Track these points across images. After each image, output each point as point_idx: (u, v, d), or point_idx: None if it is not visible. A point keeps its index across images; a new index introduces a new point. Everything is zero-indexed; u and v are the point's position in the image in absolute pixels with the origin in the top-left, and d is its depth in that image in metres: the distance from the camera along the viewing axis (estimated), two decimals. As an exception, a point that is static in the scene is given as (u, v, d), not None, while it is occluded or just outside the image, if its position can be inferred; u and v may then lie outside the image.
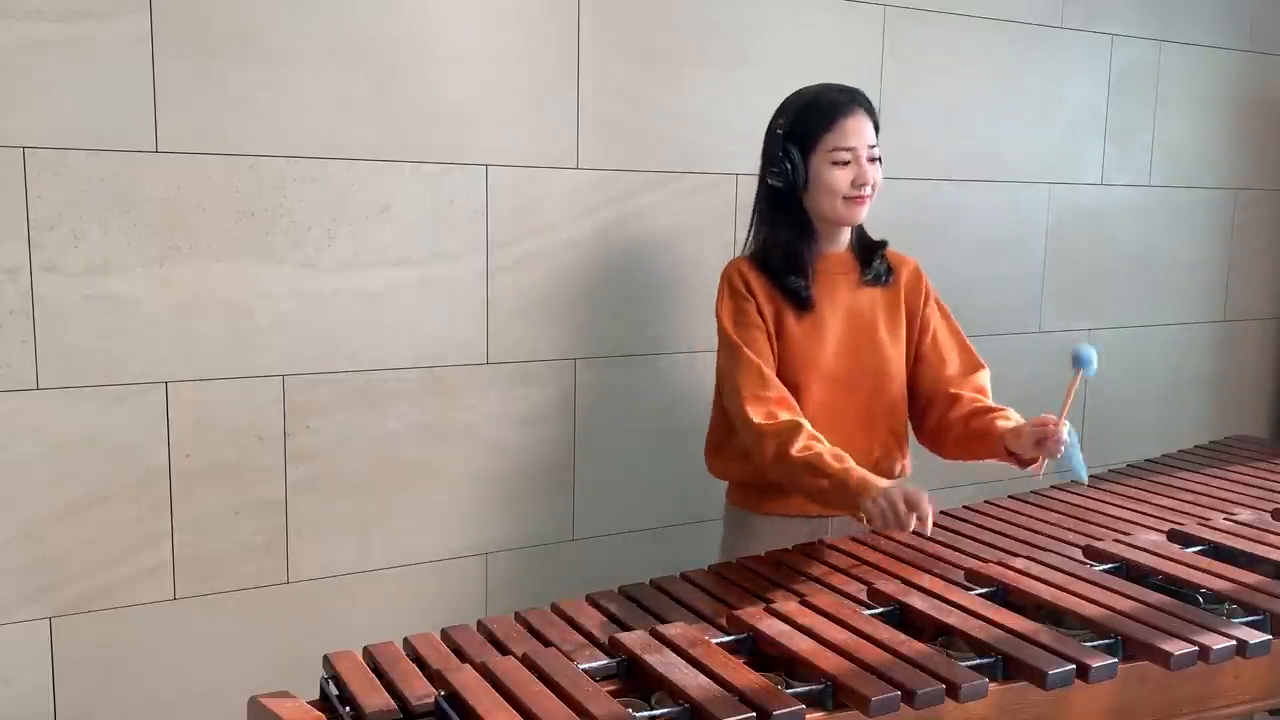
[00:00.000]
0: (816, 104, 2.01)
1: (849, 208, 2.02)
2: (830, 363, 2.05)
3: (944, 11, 2.86)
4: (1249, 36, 3.44)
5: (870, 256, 2.12)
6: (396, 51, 2.23)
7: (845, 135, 1.98)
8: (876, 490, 1.80)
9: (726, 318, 2.05)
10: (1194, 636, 1.47)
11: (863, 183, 1.99)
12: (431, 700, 1.32)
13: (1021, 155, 3.08)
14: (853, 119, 1.99)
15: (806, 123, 1.99)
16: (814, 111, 2.00)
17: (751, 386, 1.97)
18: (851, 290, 2.09)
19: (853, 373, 2.07)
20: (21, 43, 1.92)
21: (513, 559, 2.51)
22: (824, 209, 2.02)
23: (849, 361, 2.07)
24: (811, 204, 2.03)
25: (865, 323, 2.09)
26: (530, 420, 2.49)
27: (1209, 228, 3.51)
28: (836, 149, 1.98)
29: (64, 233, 2.00)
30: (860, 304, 2.09)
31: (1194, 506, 2.15)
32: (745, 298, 2.04)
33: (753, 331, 2.02)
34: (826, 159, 1.98)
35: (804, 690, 1.36)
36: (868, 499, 1.80)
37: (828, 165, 1.99)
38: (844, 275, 2.09)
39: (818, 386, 2.04)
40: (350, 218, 2.23)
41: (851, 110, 1.99)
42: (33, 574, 2.06)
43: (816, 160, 1.99)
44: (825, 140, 1.98)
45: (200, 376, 2.14)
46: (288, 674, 1.78)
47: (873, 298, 2.10)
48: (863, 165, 1.99)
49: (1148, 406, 3.46)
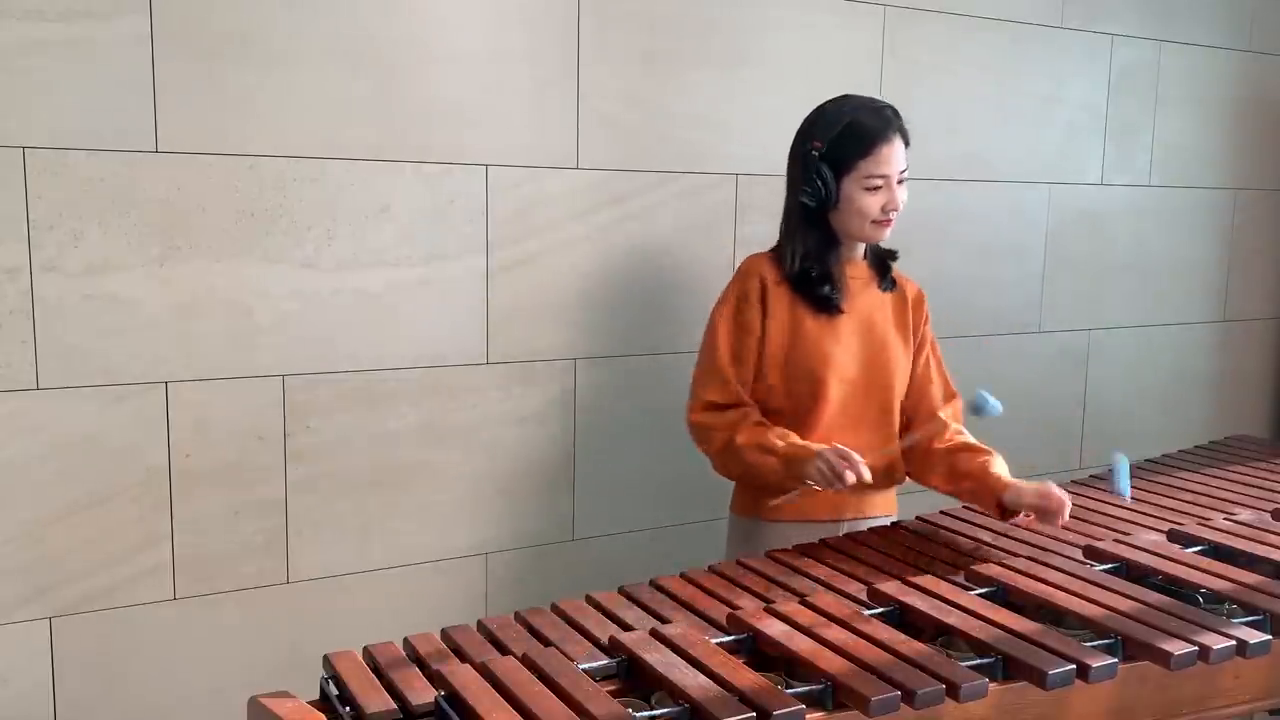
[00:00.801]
0: (856, 129, 1.99)
1: (876, 230, 2.04)
2: (847, 365, 2.07)
3: (944, 11, 2.86)
4: (1249, 36, 3.44)
5: (884, 265, 2.15)
6: (396, 51, 2.23)
7: (881, 163, 1.98)
8: (813, 454, 1.91)
9: (724, 313, 2.07)
10: (1194, 636, 1.47)
11: (892, 209, 2.01)
12: (431, 700, 1.32)
13: (1021, 155, 3.08)
14: (889, 146, 1.99)
15: (844, 146, 1.99)
16: (852, 136, 1.99)
17: (706, 391, 2.06)
18: (869, 299, 2.11)
19: (868, 375, 2.09)
20: (21, 43, 1.92)
21: (513, 559, 2.52)
22: (851, 229, 2.04)
23: (865, 367, 2.09)
24: (839, 222, 2.04)
25: (879, 330, 2.11)
26: (530, 420, 2.49)
27: (1209, 228, 3.51)
28: (872, 175, 1.98)
29: (64, 233, 2.00)
30: (875, 312, 2.11)
31: (1194, 506, 2.15)
32: (752, 303, 2.05)
33: (739, 333, 2.05)
34: (860, 184, 1.99)
35: (804, 690, 1.36)
36: (810, 465, 1.90)
37: (860, 190, 1.99)
38: (862, 283, 2.11)
39: (835, 386, 2.06)
40: (350, 218, 2.23)
41: (889, 137, 1.99)
42: (33, 574, 2.06)
43: (850, 183, 2.00)
44: (861, 166, 1.98)
45: (200, 376, 2.14)
46: (288, 674, 1.78)
47: (885, 305, 2.13)
48: (893, 191, 2.00)
49: (1148, 406, 3.46)
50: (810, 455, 1.92)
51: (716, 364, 2.05)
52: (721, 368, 2.05)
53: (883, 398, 2.11)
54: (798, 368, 2.05)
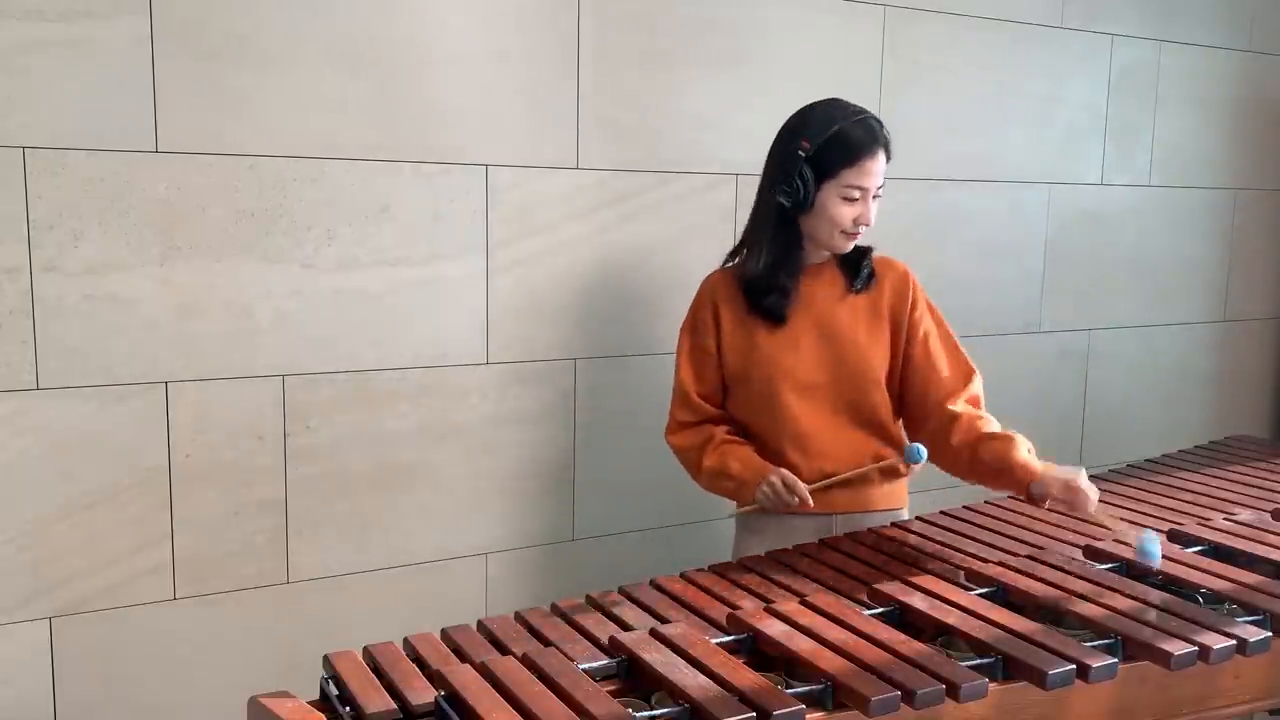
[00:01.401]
0: (844, 138, 1.98)
1: (844, 240, 2.04)
2: (806, 371, 2.06)
3: (944, 11, 2.86)
4: (1249, 36, 3.44)
5: (854, 265, 2.11)
6: (396, 52, 2.23)
7: (863, 175, 1.99)
8: (761, 478, 1.99)
9: (683, 334, 2.16)
10: (1194, 636, 1.47)
11: (863, 222, 2.02)
12: (431, 700, 1.32)
13: (1021, 155, 3.08)
14: (873, 160, 1.99)
15: (830, 153, 1.99)
16: (840, 145, 1.98)
17: (677, 410, 2.15)
18: (829, 299, 2.08)
19: (835, 379, 2.07)
20: (21, 43, 1.92)
21: (513, 559, 2.52)
22: (820, 235, 2.04)
23: (829, 369, 2.06)
24: (809, 227, 2.04)
25: (843, 330, 2.08)
26: (530, 420, 2.49)
27: (1209, 228, 3.51)
28: (852, 186, 1.99)
29: (64, 233, 2.00)
30: (838, 311, 2.08)
31: (1194, 506, 2.15)
32: (704, 319, 2.11)
33: (697, 353, 2.13)
34: (838, 193, 1.99)
35: (804, 690, 1.36)
36: (757, 490, 1.99)
37: (837, 199, 2.00)
38: (822, 284, 2.09)
39: (793, 395, 2.06)
40: (350, 218, 2.23)
41: (875, 151, 1.99)
42: (33, 574, 2.06)
43: (829, 190, 1.99)
44: (844, 176, 1.98)
45: (200, 376, 2.14)
46: (288, 674, 1.78)
47: (854, 305, 2.09)
48: (868, 204, 2.01)
49: (1148, 406, 3.46)
50: (758, 477, 2.00)
51: (680, 385, 2.14)
52: (685, 389, 2.13)
53: (857, 400, 2.07)
54: (752, 381, 2.07)
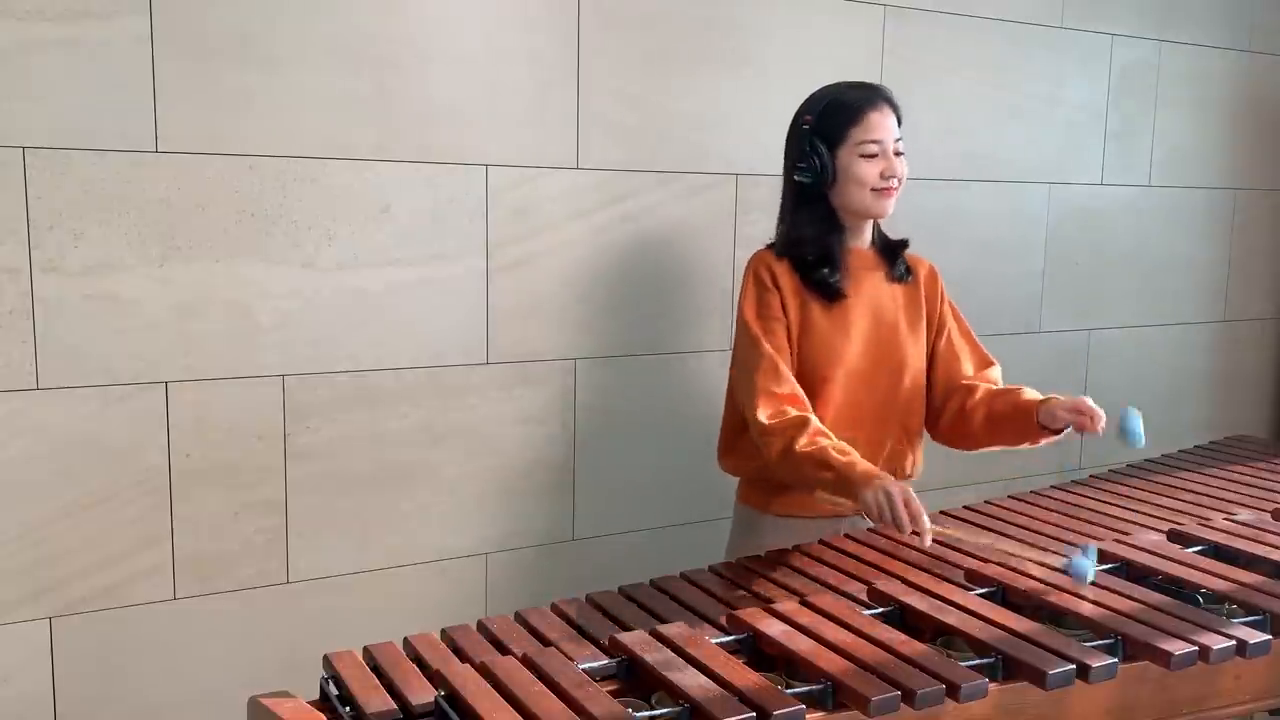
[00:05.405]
0: (842, 100, 2.03)
1: (878, 200, 2.03)
2: (854, 357, 2.06)
3: (944, 11, 2.86)
4: (1249, 37, 3.44)
5: (893, 254, 2.13)
6: (396, 51, 2.23)
7: (872, 129, 2.00)
8: (879, 485, 1.80)
9: (749, 308, 2.05)
10: (1194, 636, 1.47)
11: (891, 174, 2.02)
12: (431, 700, 1.32)
13: (1021, 155, 3.07)
14: (878, 113, 2.01)
15: (834, 118, 2.01)
16: (840, 107, 2.02)
17: (765, 381, 1.97)
18: (875, 286, 2.10)
19: (875, 368, 2.08)
20: (21, 43, 1.92)
21: (513, 559, 2.51)
22: (853, 202, 2.03)
23: (872, 357, 2.08)
24: (839, 198, 2.04)
25: (888, 319, 2.10)
26: (530, 420, 2.49)
27: (1209, 228, 3.51)
28: (864, 142, 2.00)
29: (64, 233, 2.00)
30: (884, 300, 2.10)
31: (1194, 506, 2.15)
32: (770, 290, 2.04)
33: (773, 324, 2.03)
34: (855, 152, 2.00)
35: (804, 690, 1.36)
36: (869, 491, 1.80)
37: (856, 159, 2.00)
38: (868, 271, 2.10)
39: (841, 380, 2.05)
40: (350, 218, 2.23)
41: (877, 104, 2.02)
42: (33, 574, 2.06)
43: (844, 154, 2.01)
44: (852, 134, 2.00)
45: (200, 376, 2.14)
46: (288, 674, 1.78)
47: (895, 294, 2.12)
48: (890, 158, 2.01)
49: (1148, 406, 3.41)
50: (869, 481, 1.81)
51: (768, 356, 1.98)
52: (773, 359, 1.98)
53: (893, 390, 2.09)
54: (805, 361, 2.05)
